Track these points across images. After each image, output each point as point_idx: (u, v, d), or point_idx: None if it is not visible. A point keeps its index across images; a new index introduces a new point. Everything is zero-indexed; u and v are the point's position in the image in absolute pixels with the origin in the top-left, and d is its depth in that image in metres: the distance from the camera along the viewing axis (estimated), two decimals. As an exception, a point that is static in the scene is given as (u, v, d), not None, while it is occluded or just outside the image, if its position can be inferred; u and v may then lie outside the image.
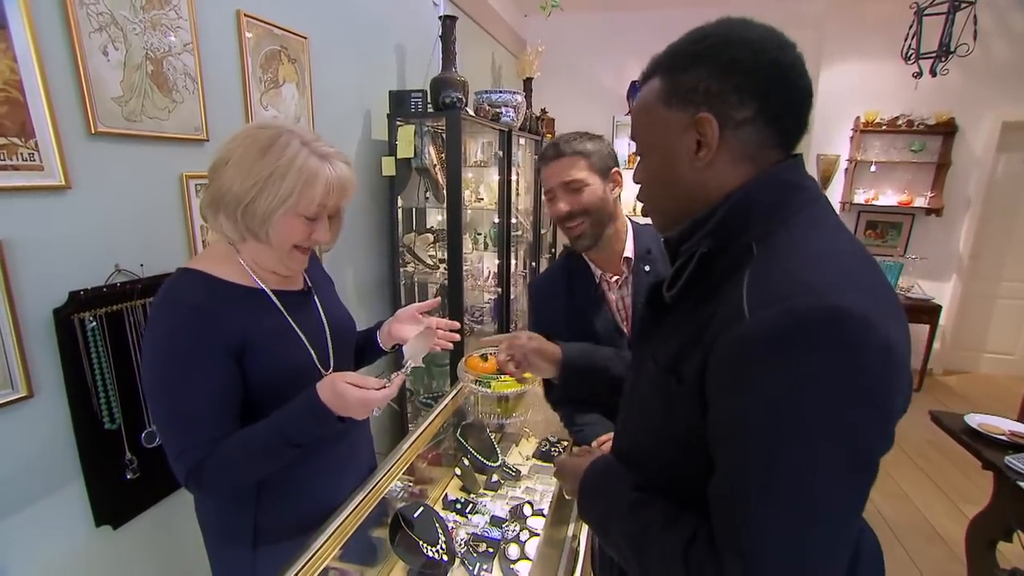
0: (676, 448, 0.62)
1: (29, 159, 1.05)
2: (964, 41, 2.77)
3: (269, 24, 1.66)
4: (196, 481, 0.86)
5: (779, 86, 0.58)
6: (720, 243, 0.59)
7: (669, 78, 0.62)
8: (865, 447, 0.48)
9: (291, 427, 0.87)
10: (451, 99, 2.20)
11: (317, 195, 0.86)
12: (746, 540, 0.49)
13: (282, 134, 0.86)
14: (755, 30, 0.59)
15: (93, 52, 1.15)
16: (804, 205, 0.59)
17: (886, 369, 0.47)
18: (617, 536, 0.64)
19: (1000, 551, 1.76)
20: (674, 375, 0.60)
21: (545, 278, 1.43)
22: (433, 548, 1.16)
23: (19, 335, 1.06)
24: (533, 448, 1.77)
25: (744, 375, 0.50)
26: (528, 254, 3.59)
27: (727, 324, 0.52)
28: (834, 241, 0.57)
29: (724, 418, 0.53)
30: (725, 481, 0.52)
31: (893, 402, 0.49)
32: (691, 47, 0.61)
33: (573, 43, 4.45)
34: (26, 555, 1.12)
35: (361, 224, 2.32)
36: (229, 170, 0.85)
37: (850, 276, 0.52)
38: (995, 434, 1.74)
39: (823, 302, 0.47)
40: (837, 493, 0.48)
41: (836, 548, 0.49)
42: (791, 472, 0.47)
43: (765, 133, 0.59)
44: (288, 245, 0.90)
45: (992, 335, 4.40)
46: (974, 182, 4.07)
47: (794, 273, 0.51)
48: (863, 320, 0.46)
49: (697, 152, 0.60)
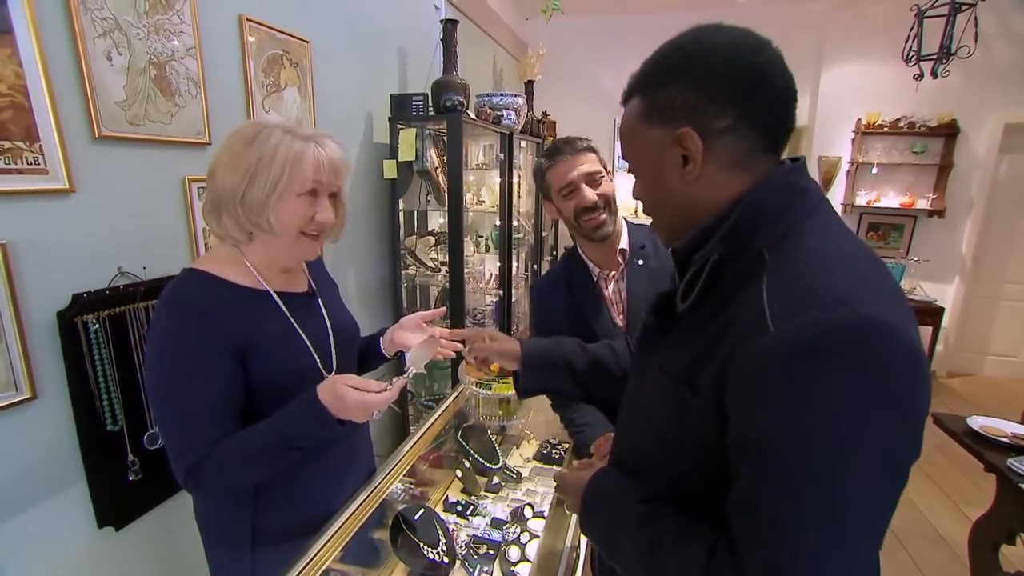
0: (685, 457, 0.61)
1: (34, 163, 1.06)
2: (965, 43, 2.76)
3: (271, 28, 1.68)
4: (195, 481, 0.86)
5: (757, 89, 0.58)
6: (731, 250, 0.58)
7: (647, 97, 0.63)
8: (896, 456, 0.48)
9: (290, 428, 0.87)
10: (452, 102, 2.21)
11: (307, 172, 0.88)
12: (775, 550, 0.49)
13: (264, 127, 0.89)
14: (726, 34, 0.59)
15: (97, 57, 1.16)
16: (811, 210, 0.58)
17: (914, 377, 0.47)
18: (626, 551, 0.64)
19: (1003, 554, 1.76)
20: (687, 385, 0.59)
21: (546, 279, 1.48)
22: (434, 550, 1.17)
23: (23, 337, 1.07)
24: (534, 450, 1.77)
25: (772, 388, 0.49)
26: (529, 257, 3.59)
27: (747, 334, 0.51)
28: (847, 245, 0.57)
29: (749, 430, 0.52)
30: (751, 492, 0.51)
31: (921, 409, 0.49)
32: (664, 62, 0.61)
33: (574, 46, 4.46)
34: (29, 556, 1.13)
35: (363, 227, 2.33)
36: (220, 170, 0.88)
37: (869, 282, 0.52)
38: (997, 437, 1.73)
39: (850, 312, 0.47)
40: (869, 503, 0.48)
41: (865, 555, 0.50)
42: (823, 484, 0.47)
43: (750, 138, 0.59)
44: (293, 229, 0.91)
45: (996, 337, 4.39)
46: (976, 184, 4.06)
47: (816, 282, 0.51)
48: (891, 330, 0.47)
49: (685, 166, 0.60)
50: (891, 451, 0.48)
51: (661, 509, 0.63)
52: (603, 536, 0.69)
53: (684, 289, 0.64)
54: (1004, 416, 1.88)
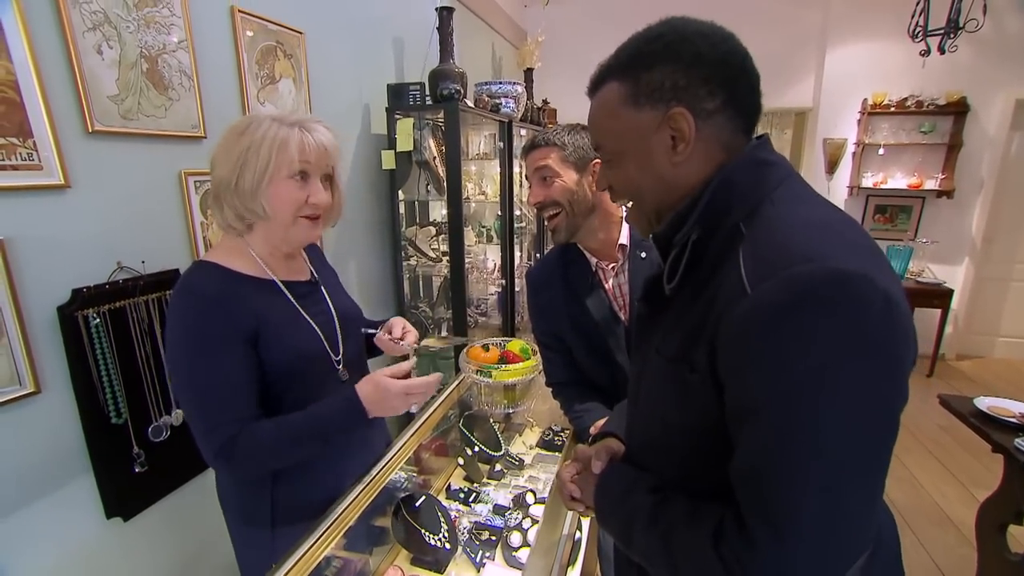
0: (693, 437, 0.62)
1: (28, 159, 1.07)
2: (974, 16, 2.70)
3: (264, 20, 1.66)
4: (226, 457, 0.89)
5: (741, 73, 0.60)
6: (708, 228, 0.60)
7: (631, 79, 0.62)
8: (882, 400, 0.49)
9: (323, 421, 0.94)
10: (449, 91, 2.20)
11: (293, 154, 0.91)
12: (776, 510, 0.49)
13: (255, 118, 0.92)
14: (704, 25, 0.61)
15: (88, 51, 1.16)
16: (781, 180, 0.60)
17: (891, 322, 0.48)
18: (641, 544, 0.64)
19: (1011, 534, 1.74)
20: (685, 364, 0.60)
21: (540, 268, 1.40)
22: (435, 536, 1.18)
23: (25, 333, 1.08)
24: (537, 437, 1.78)
25: (755, 347, 0.50)
26: (532, 246, 3.58)
27: (730, 303, 0.53)
28: (819, 209, 0.58)
29: (741, 393, 0.53)
30: (749, 455, 0.52)
31: (902, 353, 0.50)
32: (647, 47, 0.62)
33: (574, 32, 4.41)
34: (39, 548, 1.15)
35: (362, 218, 2.33)
36: (218, 162, 0.93)
37: (842, 240, 0.53)
38: (1005, 417, 1.71)
39: (824, 266, 0.48)
40: (862, 449, 0.49)
41: (865, 505, 0.50)
42: (814, 437, 0.48)
43: (736, 120, 0.61)
44: (288, 212, 0.94)
45: (1006, 319, 4.33)
46: (987, 163, 3.99)
47: (788, 244, 0.52)
48: (863, 279, 0.48)
49: (674, 148, 0.61)
50: (877, 397, 0.49)
51: (671, 496, 0.64)
52: (619, 532, 0.70)
53: (668, 271, 0.65)
54: (1015, 398, 1.86)
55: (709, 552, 0.54)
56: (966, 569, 2.02)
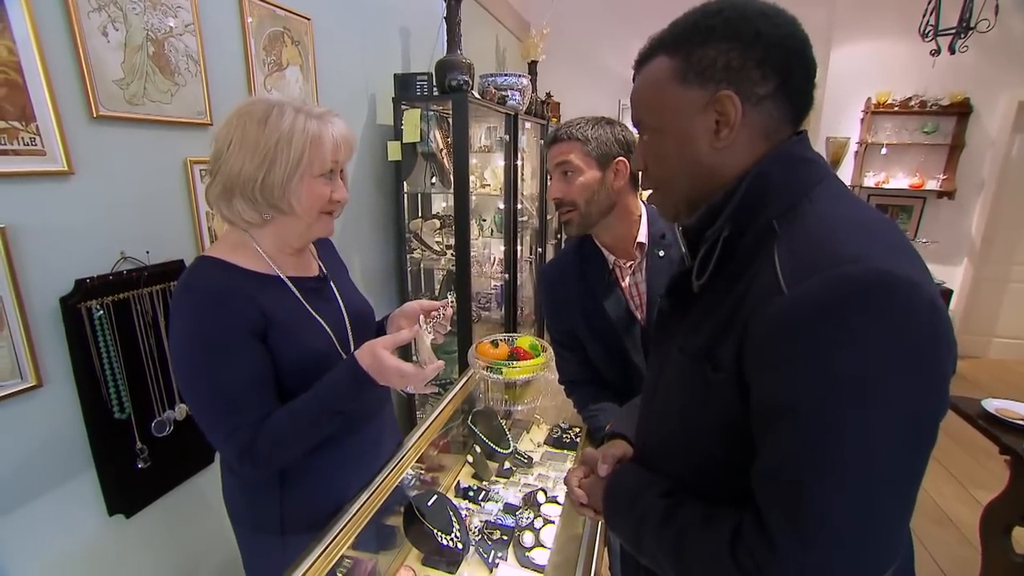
0: (711, 437, 0.60)
1: (31, 143, 1.03)
2: (985, 17, 2.68)
3: (272, 5, 1.62)
4: (251, 460, 0.86)
5: (798, 59, 0.57)
6: (741, 224, 0.58)
7: (682, 54, 0.59)
8: (924, 410, 0.47)
9: (332, 394, 0.89)
10: (457, 82, 2.16)
11: (327, 153, 0.88)
12: (804, 515, 0.47)
13: (275, 105, 0.86)
14: (766, 5, 0.58)
15: (92, 33, 1.11)
16: (819, 178, 0.58)
17: (937, 330, 0.47)
18: (652, 548, 0.62)
19: (1015, 537, 1.75)
20: (709, 363, 0.57)
21: (555, 264, 1.38)
22: (447, 536, 1.15)
23: (27, 324, 1.05)
24: (545, 435, 1.76)
25: (793, 345, 0.48)
26: (534, 240, 3.55)
27: (762, 302, 0.51)
28: (858, 210, 0.56)
29: (770, 395, 0.50)
30: (777, 456, 0.50)
31: (946, 363, 0.48)
32: (704, 21, 0.58)
33: (578, 25, 4.36)
34: (40, 545, 1.12)
35: (367, 210, 2.29)
36: (234, 153, 0.85)
37: (884, 242, 0.51)
38: (1013, 419, 1.72)
39: (869, 267, 0.46)
40: (899, 459, 0.47)
41: (899, 517, 0.48)
42: (849, 443, 0.46)
43: (784, 109, 0.58)
44: (315, 209, 0.91)
45: (1003, 320, 4.36)
46: (988, 164, 3.99)
47: (833, 243, 0.50)
48: (912, 283, 0.46)
49: (717, 133, 0.58)
50: (917, 406, 0.47)
51: (684, 499, 0.61)
52: (630, 536, 0.68)
53: (698, 267, 0.63)
54: (1012, 399, 1.87)
55: (725, 556, 0.52)
56: (967, 569, 2.03)
